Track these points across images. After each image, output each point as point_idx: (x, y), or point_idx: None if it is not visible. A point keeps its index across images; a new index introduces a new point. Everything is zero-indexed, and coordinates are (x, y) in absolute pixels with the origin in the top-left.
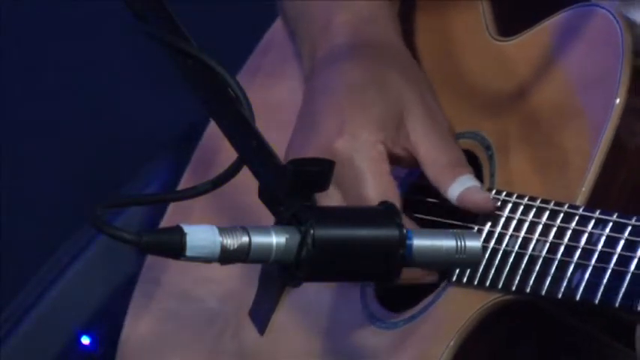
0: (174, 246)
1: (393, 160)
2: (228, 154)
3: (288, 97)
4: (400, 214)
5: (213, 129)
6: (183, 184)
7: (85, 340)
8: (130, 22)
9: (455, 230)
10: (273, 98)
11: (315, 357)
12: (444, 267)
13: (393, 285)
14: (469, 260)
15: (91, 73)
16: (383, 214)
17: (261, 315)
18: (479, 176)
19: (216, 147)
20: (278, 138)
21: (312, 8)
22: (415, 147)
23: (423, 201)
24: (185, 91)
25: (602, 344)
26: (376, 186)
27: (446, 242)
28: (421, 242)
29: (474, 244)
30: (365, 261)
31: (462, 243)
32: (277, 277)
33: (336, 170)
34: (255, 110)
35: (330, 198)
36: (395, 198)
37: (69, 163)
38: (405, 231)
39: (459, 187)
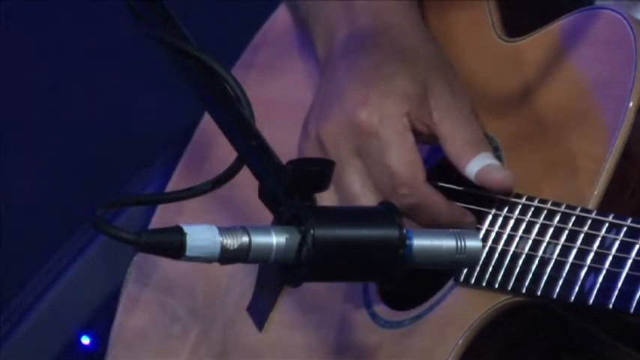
0: (174, 246)
1: (414, 135)
2: (221, 150)
3: (286, 92)
4: (400, 214)
5: (206, 125)
6: (175, 179)
7: (85, 340)
8: (130, 21)
9: (455, 230)
10: (270, 93)
11: (315, 355)
12: (444, 267)
13: (394, 285)
14: (469, 260)
15: (90, 73)
16: (383, 214)
17: (259, 311)
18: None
19: (209, 142)
20: (274, 134)
21: None
22: (437, 124)
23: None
24: (185, 91)
25: (610, 347)
26: (402, 157)
27: (446, 242)
28: (421, 242)
29: (474, 243)
30: (365, 261)
31: (462, 243)
32: (277, 276)
33: (360, 141)
34: (252, 104)
35: (354, 168)
36: (420, 169)
37: (69, 163)
38: (404, 231)
39: (478, 164)
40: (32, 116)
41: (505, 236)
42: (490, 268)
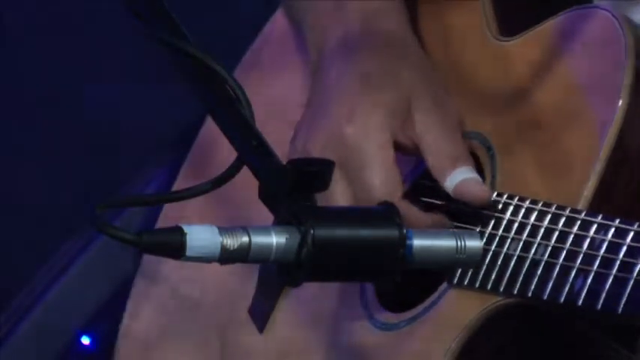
0: (174, 246)
1: (398, 147)
2: (225, 151)
3: (287, 92)
4: (400, 213)
5: (209, 126)
6: (180, 180)
7: (85, 340)
8: (130, 21)
9: (455, 230)
10: (271, 93)
11: (313, 356)
12: (444, 267)
13: (393, 285)
14: (469, 260)
15: (90, 73)
16: (383, 214)
17: (260, 312)
18: (480, 177)
19: (213, 143)
20: (275, 133)
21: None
22: (420, 137)
23: (429, 190)
24: (185, 91)
25: (604, 347)
26: (380, 173)
27: (446, 242)
28: (421, 242)
29: (474, 243)
30: (365, 261)
31: (462, 243)
32: (277, 277)
33: (344, 155)
34: (252, 105)
35: (336, 180)
36: (397, 184)
37: (69, 163)
38: (404, 231)
39: (457, 178)
40: (32, 116)
41: (497, 238)
42: (483, 270)
